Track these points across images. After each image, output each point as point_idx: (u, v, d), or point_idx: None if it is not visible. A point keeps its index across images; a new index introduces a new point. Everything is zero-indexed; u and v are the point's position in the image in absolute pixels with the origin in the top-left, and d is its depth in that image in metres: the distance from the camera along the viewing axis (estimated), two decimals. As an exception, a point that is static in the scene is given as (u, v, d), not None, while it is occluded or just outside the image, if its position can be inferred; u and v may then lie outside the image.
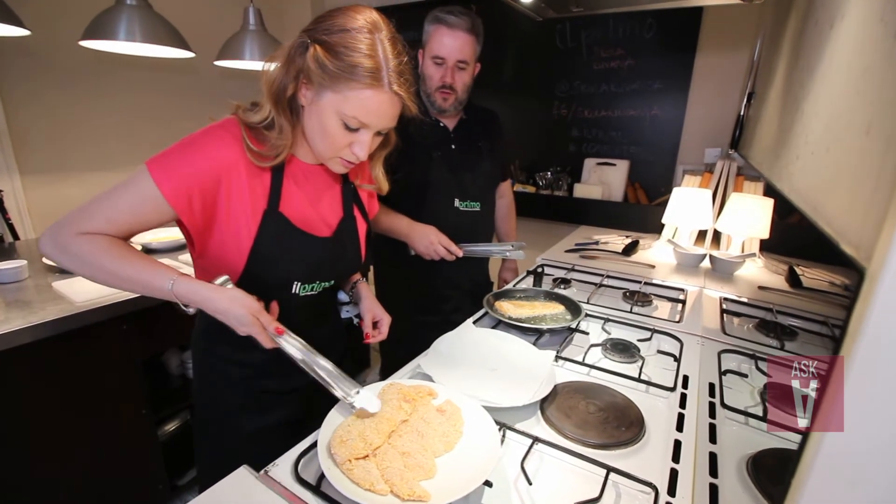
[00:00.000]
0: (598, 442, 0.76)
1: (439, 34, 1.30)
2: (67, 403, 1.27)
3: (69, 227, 0.71)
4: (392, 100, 0.74)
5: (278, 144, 0.76)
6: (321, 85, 0.71)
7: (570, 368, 1.01)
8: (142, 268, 0.72)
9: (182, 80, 2.81)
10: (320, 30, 0.71)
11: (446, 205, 1.44)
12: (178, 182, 0.71)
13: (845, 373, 0.25)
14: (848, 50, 0.43)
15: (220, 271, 0.79)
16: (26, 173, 2.27)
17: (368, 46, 0.70)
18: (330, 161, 0.81)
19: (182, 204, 0.72)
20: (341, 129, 0.74)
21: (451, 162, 1.43)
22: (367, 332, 0.97)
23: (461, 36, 1.29)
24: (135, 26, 1.47)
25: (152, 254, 1.69)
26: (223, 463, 0.70)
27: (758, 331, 1.26)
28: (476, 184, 1.48)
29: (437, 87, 1.35)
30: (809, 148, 0.46)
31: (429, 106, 1.40)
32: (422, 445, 0.68)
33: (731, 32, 2.15)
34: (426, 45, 1.34)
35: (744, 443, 0.79)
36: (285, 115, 0.76)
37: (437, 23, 1.30)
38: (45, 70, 2.26)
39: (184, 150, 0.72)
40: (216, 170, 0.73)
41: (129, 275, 0.72)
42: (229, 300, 0.71)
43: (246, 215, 0.76)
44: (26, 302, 1.22)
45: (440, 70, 1.33)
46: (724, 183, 2.02)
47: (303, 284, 0.85)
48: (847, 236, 0.32)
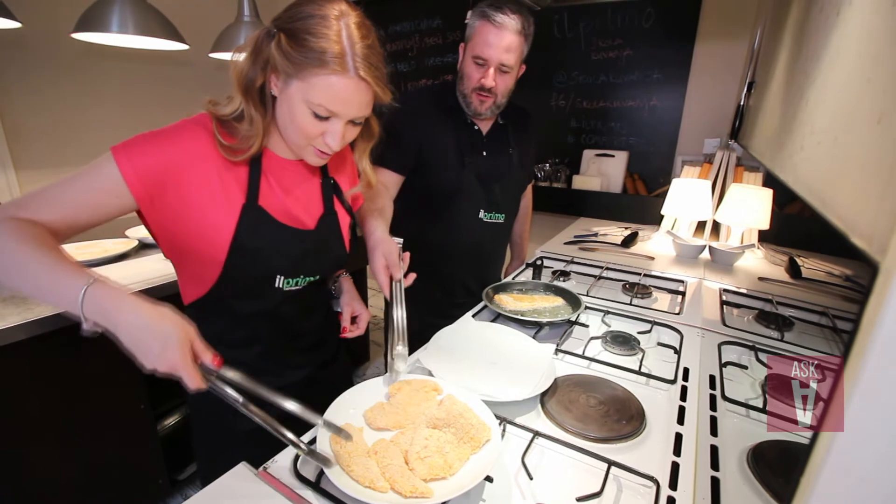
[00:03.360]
0: (599, 436, 0.76)
1: (484, 32, 1.17)
2: (65, 399, 1.26)
3: (4, 211, 0.64)
4: (359, 86, 0.71)
5: (249, 135, 0.74)
6: (287, 73, 0.70)
7: (570, 361, 1.01)
8: (55, 262, 0.60)
9: (176, 72, 2.78)
10: (286, 17, 0.70)
11: (470, 215, 1.36)
12: (141, 168, 0.68)
13: (859, 370, 0.24)
14: (857, 37, 0.42)
15: (196, 267, 0.77)
16: (21, 168, 2.24)
17: (333, 32, 0.68)
18: (304, 151, 0.79)
19: (142, 191, 0.68)
20: (310, 118, 0.72)
21: (480, 170, 1.34)
22: (344, 325, 0.96)
23: (508, 37, 1.16)
24: (128, 18, 1.45)
25: (148, 248, 1.67)
26: (222, 460, 0.69)
27: (758, 322, 1.26)
28: (504, 195, 1.41)
29: (474, 87, 1.24)
30: (815, 138, 0.45)
31: (464, 106, 1.31)
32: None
33: (731, 21, 2.13)
34: (468, 41, 1.23)
35: (744, 435, 0.79)
36: (255, 105, 0.73)
37: (483, 18, 1.17)
38: (38, 63, 2.23)
39: (152, 138, 0.70)
40: (183, 160, 0.71)
41: (34, 265, 0.60)
42: (160, 314, 0.59)
43: (222, 209, 0.75)
44: (22, 298, 1.21)
45: (480, 71, 1.21)
46: (724, 173, 2.01)
47: (286, 279, 0.83)
48: (858, 229, 0.31)
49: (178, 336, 0.58)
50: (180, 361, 0.57)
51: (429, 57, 3.01)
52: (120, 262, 1.54)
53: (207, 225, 0.74)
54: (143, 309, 0.58)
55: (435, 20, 2.92)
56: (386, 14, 3.03)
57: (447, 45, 2.94)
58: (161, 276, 1.41)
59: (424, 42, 3.00)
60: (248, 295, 0.82)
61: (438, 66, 3.01)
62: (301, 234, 0.84)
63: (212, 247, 0.76)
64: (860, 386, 0.25)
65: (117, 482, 1.43)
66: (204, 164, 0.73)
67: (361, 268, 2.39)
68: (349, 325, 0.97)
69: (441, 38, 2.94)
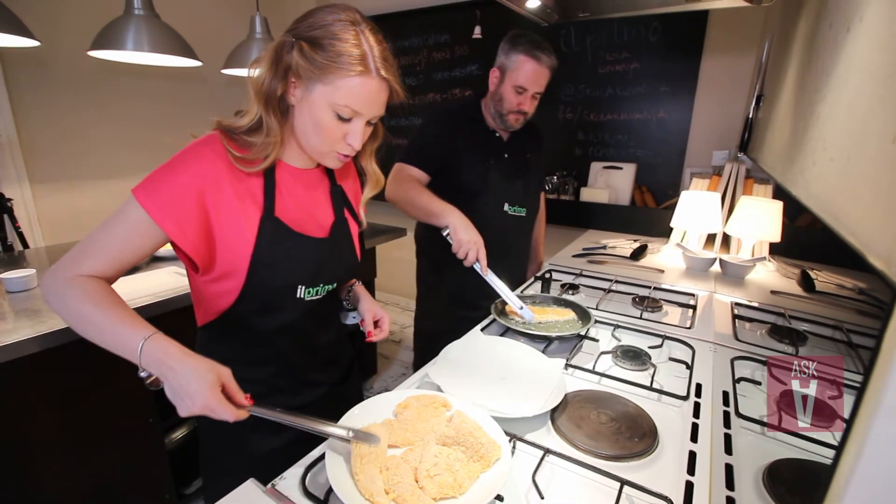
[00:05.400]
0: (611, 453, 0.75)
1: (528, 66, 1.38)
2: (74, 413, 1.27)
3: (65, 271, 0.70)
4: (381, 85, 0.76)
5: (268, 144, 0.76)
6: (310, 79, 0.73)
7: (580, 377, 1.00)
8: (117, 320, 0.68)
9: (190, 89, 2.83)
10: (303, 28, 0.74)
11: (497, 207, 1.54)
12: (165, 204, 0.71)
13: (881, 391, 0.24)
14: (868, 54, 0.42)
15: (226, 283, 0.79)
16: (36, 182, 2.29)
17: (353, 36, 0.72)
18: (325, 156, 0.82)
19: (172, 225, 0.72)
20: (335, 120, 0.76)
21: (503, 169, 1.54)
22: (368, 330, 0.97)
23: (545, 72, 1.40)
24: (142, 36, 1.48)
25: (158, 261, 1.69)
26: (228, 481, 0.68)
27: (771, 336, 1.24)
28: (524, 191, 1.60)
29: (513, 110, 1.45)
30: (828, 154, 0.45)
31: (495, 120, 1.51)
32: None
33: (738, 34, 2.13)
34: (509, 71, 1.41)
35: (760, 453, 0.77)
36: (275, 114, 0.76)
37: (527, 55, 1.38)
38: (55, 79, 2.28)
39: (165, 172, 0.73)
40: (198, 186, 0.73)
41: (100, 324, 0.67)
42: (199, 360, 0.66)
43: (240, 224, 0.76)
44: (35, 311, 1.23)
45: (519, 97, 1.43)
46: (733, 186, 2.00)
47: (307, 288, 0.85)
48: (874, 249, 0.30)
49: (211, 377, 0.64)
50: (213, 398, 0.63)
51: (437, 71, 3.05)
52: (131, 276, 1.56)
53: (231, 243, 0.76)
54: (187, 356, 0.66)
55: (443, 35, 2.96)
56: (395, 29, 3.08)
57: (455, 60, 2.97)
58: (172, 290, 1.42)
59: (433, 57, 3.03)
60: (269, 309, 0.83)
61: (446, 80, 3.04)
62: (317, 243, 0.85)
63: (234, 262, 0.77)
64: (883, 407, 0.25)
65: (125, 496, 1.43)
66: (218, 183, 0.75)
67: (370, 279, 2.40)
68: (372, 328, 0.98)
69: (449, 53, 2.98)
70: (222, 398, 0.64)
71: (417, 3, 2.96)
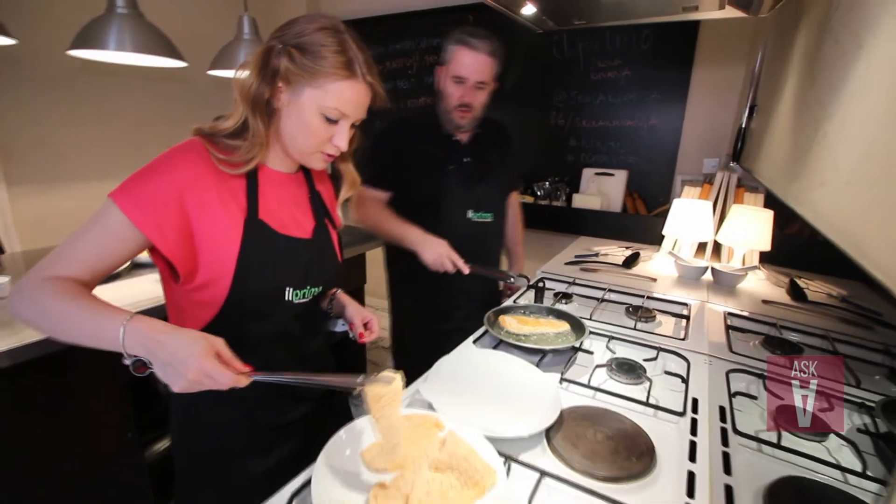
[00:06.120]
0: (609, 475, 0.72)
1: (461, 55, 1.34)
2: (50, 427, 1.21)
3: (36, 274, 0.68)
4: (366, 89, 0.79)
5: (253, 146, 0.77)
6: (299, 83, 0.75)
7: (575, 391, 0.97)
8: (94, 309, 0.65)
9: (174, 90, 2.77)
10: (289, 36, 0.76)
11: (460, 215, 1.48)
12: (144, 206, 0.69)
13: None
14: (885, 72, 0.40)
15: (210, 290, 0.76)
16: (13, 184, 2.21)
17: (339, 43, 0.75)
18: (311, 158, 0.83)
19: (152, 228, 0.70)
20: (322, 122, 0.78)
21: (464, 174, 1.48)
22: (359, 331, 0.99)
23: (482, 58, 1.34)
24: (125, 35, 1.43)
25: (140, 268, 1.64)
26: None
27: (764, 347, 1.23)
28: (488, 195, 1.53)
29: (456, 105, 1.39)
30: (842, 177, 0.43)
31: (445, 122, 1.45)
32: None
33: (729, 43, 2.14)
34: (447, 64, 1.38)
35: (759, 471, 0.76)
36: (262, 118, 0.77)
37: (460, 44, 1.34)
38: (32, 79, 2.21)
39: (144, 176, 0.71)
40: (179, 189, 0.72)
41: (76, 316, 0.64)
42: (189, 330, 0.64)
43: (224, 227, 0.76)
44: (6, 322, 1.17)
45: (460, 89, 1.37)
46: (724, 194, 2.00)
47: (295, 290, 0.84)
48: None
49: (203, 342, 0.61)
50: (207, 362, 0.60)
51: (428, 75, 3.02)
52: (111, 283, 1.50)
53: (214, 244, 0.75)
54: (176, 329, 0.63)
55: (435, 39, 2.93)
56: (387, 32, 3.05)
57: (446, 64, 2.95)
58: (154, 298, 1.37)
59: (424, 60, 3.01)
60: (256, 315, 0.81)
61: (437, 83, 3.01)
62: (302, 244, 0.86)
63: (219, 266, 0.76)
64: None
65: (103, 512, 1.37)
66: (200, 186, 0.74)
67: (360, 286, 2.35)
68: (363, 330, 0.99)
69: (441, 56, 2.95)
70: (217, 362, 0.61)
71: (410, 6, 2.94)
